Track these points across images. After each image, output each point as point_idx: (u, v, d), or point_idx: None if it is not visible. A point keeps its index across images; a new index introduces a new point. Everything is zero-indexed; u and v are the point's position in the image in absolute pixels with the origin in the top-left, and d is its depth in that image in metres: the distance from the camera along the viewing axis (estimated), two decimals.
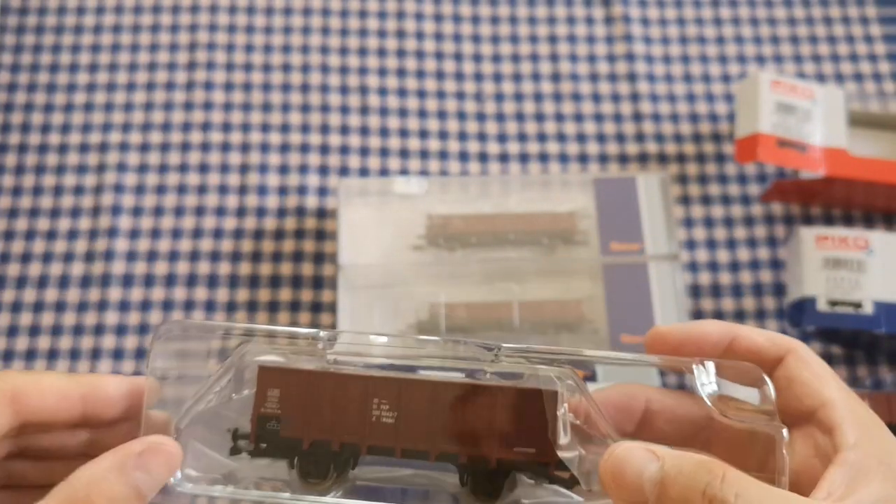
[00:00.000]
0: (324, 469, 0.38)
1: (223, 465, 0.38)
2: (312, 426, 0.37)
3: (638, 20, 0.64)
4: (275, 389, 0.38)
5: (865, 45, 0.64)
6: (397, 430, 0.37)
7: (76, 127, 0.60)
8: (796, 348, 0.38)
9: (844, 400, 0.36)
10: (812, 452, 0.36)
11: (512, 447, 0.37)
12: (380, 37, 0.64)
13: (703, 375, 0.37)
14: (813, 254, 0.54)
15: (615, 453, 0.34)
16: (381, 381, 0.38)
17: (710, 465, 0.33)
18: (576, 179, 0.58)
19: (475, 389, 0.37)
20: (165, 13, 0.64)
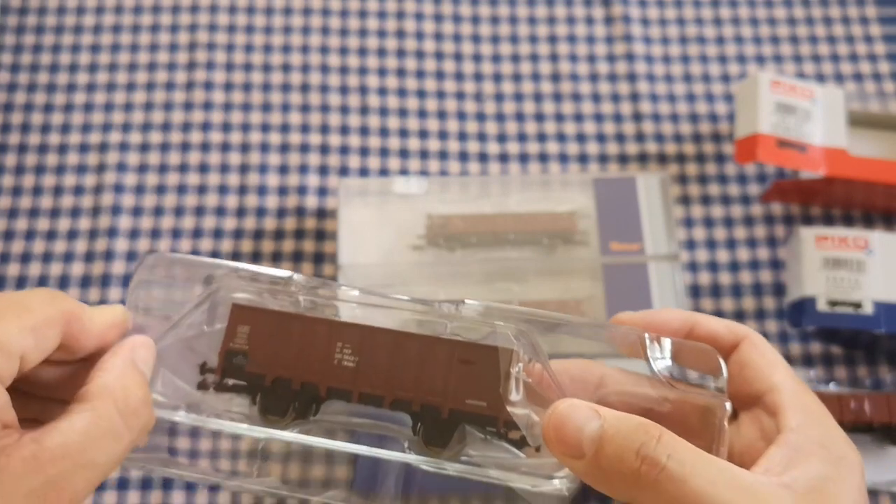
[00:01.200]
0: (283, 407, 0.39)
1: (189, 394, 0.40)
2: (276, 364, 0.39)
3: (638, 20, 0.64)
4: (245, 326, 0.39)
5: (865, 45, 0.64)
6: (357, 374, 0.38)
7: (76, 127, 0.60)
8: (750, 335, 0.39)
9: (791, 386, 0.38)
10: (758, 434, 0.38)
11: (463, 399, 0.38)
12: (379, 37, 0.64)
13: (656, 350, 0.39)
14: (813, 254, 0.54)
15: (559, 408, 0.35)
16: (345, 327, 0.39)
17: (648, 427, 0.34)
18: (576, 179, 0.58)
19: (433, 341, 0.38)
20: (165, 13, 0.64)
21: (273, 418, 0.39)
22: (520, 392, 0.38)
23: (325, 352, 0.39)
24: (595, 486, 0.35)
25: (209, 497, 0.51)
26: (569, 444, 0.34)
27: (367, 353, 0.39)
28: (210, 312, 0.40)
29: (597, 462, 0.34)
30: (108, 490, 0.51)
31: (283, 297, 0.40)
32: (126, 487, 0.51)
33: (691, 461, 0.33)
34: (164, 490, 0.51)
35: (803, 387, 0.39)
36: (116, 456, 0.33)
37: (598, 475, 0.34)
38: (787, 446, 0.36)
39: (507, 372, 0.38)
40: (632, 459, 0.33)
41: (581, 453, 0.34)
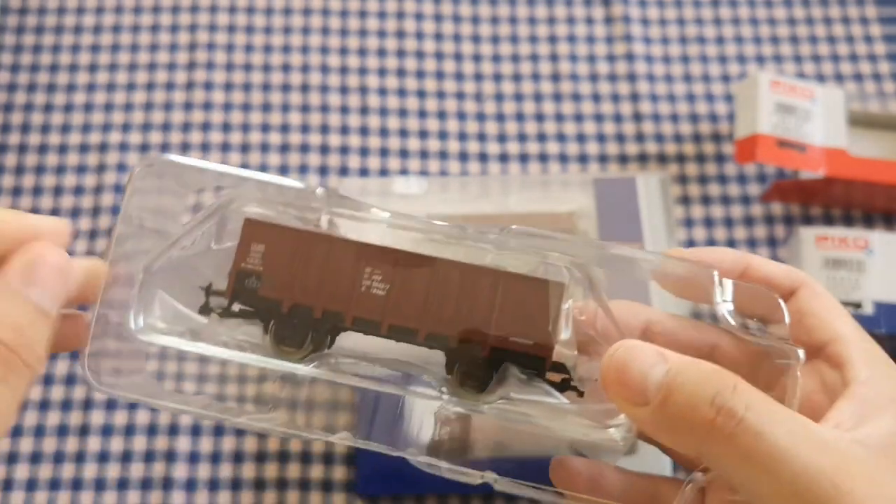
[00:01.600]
0: (300, 337, 0.35)
1: (191, 320, 0.36)
2: (296, 288, 0.35)
3: (638, 20, 0.64)
4: (259, 245, 0.35)
5: (865, 45, 0.64)
6: (387, 303, 0.34)
7: (76, 127, 0.60)
8: (810, 282, 0.37)
9: (856, 336, 0.35)
10: (818, 388, 0.35)
11: (508, 336, 0.34)
12: (379, 37, 0.64)
13: (719, 291, 0.35)
14: (813, 254, 0.54)
15: (622, 349, 0.32)
16: (376, 250, 0.35)
17: (722, 374, 0.31)
18: (576, 179, 0.58)
19: (476, 271, 0.34)
20: (165, 13, 0.64)
21: (288, 349, 0.35)
22: (569, 331, 0.34)
23: (352, 277, 0.34)
24: (657, 436, 0.32)
25: (209, 497, 0.51)
26: (632, 389, 0.31)
27: (399, 280, 0.34)
28: (219, 228, 0.36)
29: (663, 410, 0.31)
30: (108, 490, 0.51)
31: (304, 213, 0.35)
32: (126, 487, 0.51)
33: (769, 413, 0.31)
34: (164, 490, 0.51)
35: (869, 338, 0.36)
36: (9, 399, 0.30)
37: (664, 424, 0.31)
38: (858, 400, 0.33)
39: (558, 307, 0.34)
40: (706, 409, 0.30)
41: (645, 400, 0.31)
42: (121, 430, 0.52)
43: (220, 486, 0.51)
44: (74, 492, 0.51)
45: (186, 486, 0.51)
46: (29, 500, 0.51)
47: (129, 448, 0.52)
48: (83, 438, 0.52)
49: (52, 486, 0.51)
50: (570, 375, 0.35)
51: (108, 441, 0.52)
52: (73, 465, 0.51)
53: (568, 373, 0.35)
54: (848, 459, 0.31)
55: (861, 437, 0.32)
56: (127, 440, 0.52)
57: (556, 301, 0.34)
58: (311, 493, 0.51)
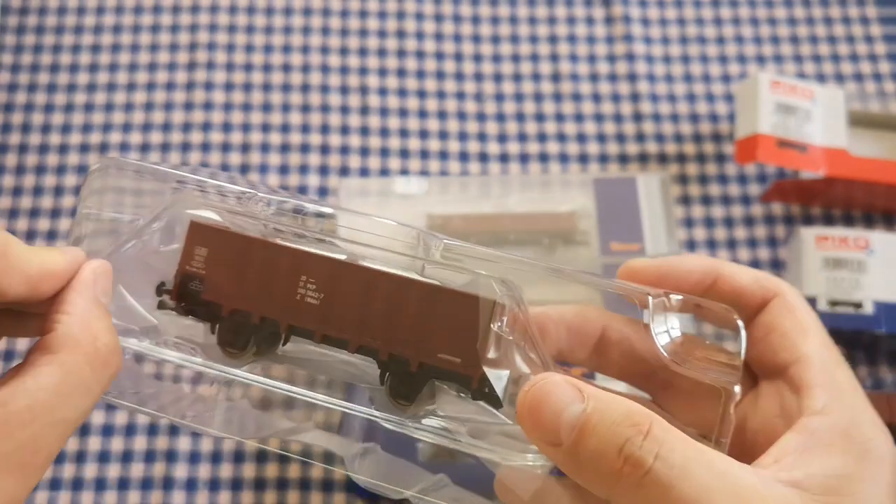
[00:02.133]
0: (243, 340, 0.35)
1: (145, 318, 0.36)
2: (234, 294, 0.35)
3: (638, 20, 0.64)
4: (203, 248, 0.35)
5: (866, 45, 0.64)
6: (321, 313, 0.34)
7: (76, 127, 0.60)
8: (784, 292, 0.34)
9: (822, 358, 0.33)
10: (777, 411, 0.33)
11: (436, 353, 0.33)
12: (380, 37, 0.64)
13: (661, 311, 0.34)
14: (813, 254, 0.54)
15: (537, 385, 0.30)
16: (312, 258, 0.35)
17: (637, 418, 0.29)
18: (576, 179, 0.58)
19: (408, 284, 0.34)
20: (166, 13, 0.64)
21: (232, 351, 0.35)
22: (499, 349, 0.33)
23: (288, 285, 0.34)
24: (571, 476, 0.31)
25: (209, 497, 0.51)
26: (545, 428, 0.30)
27: (333, 289, 0.34)
28: (167, 230, 0.36)
29: (575, 453, 0.30)
30: (108, 490, 0.51)
31: (248, 217, 0.35)
32: (126, 487, 0.51)
33: (682, 462, 0.29)
34: (165, 490, 0.51)
35: (836, 359, 0.33)
36: (87, 408, 0.31)
37: (575, 467, 0.30)
38: (805, 433, 0.31)
39: (487, 326, 0.33)
40: (614, 457, 0.29)
41: (558, 440, 0.30)
42: (121, 430, 0.52)
43: (221, 486, 0.51)
44: (75, 492, 0.51)
45: (187, 485, 0.51)
46: (29, 500, 0.51)
47: (130, 448, 0.52)
48: (83, 438, 0.52)
49: (53, 485, 0.51)
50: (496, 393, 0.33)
51: (108, 441, 0.52)
52: (74, 464, 0.51)
53: (493, 390, 0.33)
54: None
55: (798, 479, 0.30)
56: (127, 440, 0.52)
57: (486, 318, 0.33)
58: (311, 493, 0.51)
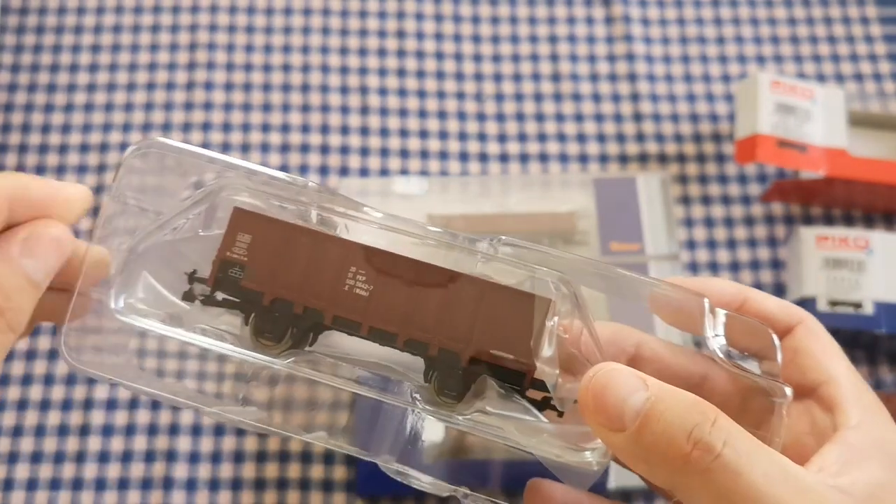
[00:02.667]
0: (280, 331, 0.34)
1: (172, 305, 0.35)
2: (278, 282, 0.34)
3: (638, 20, 0.64)
4: (246, 235, 0.34)
5: (866, 45, 0.64)
6: (369, 305, 0.34)
7: (76, 127, 0.60)
8: (807, 320, 0.36)
9: (850, 379, 0.34)
10: (807, 429, 0.34)
11: (488, 348, 0.33)
12: (380, 37, 0.64)
13: (710, 322, 0.34)
14: (813, 254, 0.54)
15: (601, 372, 0.31)
16: (362, 250, 0.34)
17: (703, 406, 0.30)
18: (576, 179, 0.58)
19: (462, 279, 0.34)
20: (165, 13, 0.64)
21: (267, 343, 0.34)
22: (552, 348, 0.33)
23: (336, 275, 0.34)
24: (632, 465, 0.31)
25: (209, 497, 0.51)
26: (608, 414, 0.30)
27: (383, 282, 0.34)
28: (208, 214, 0.35)
29: (639, 439, 0.30)
30: (108, 490, 0.51)
31: (293, 206, 0.35)
32: (126, 487, 0.51)
33: (747, 451, 0.29)
34: (165, 490, 0.51)
35: (862, 382, 0.35)
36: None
37: (639, 454, 0.30)
38: (845, 446, 0.32)
39: (542, 324, 0.33)
40: (682, 441, 0.29)
41: (621, 426, 0.30)
42: (121, 430, 0.52)
43: (221, 486, 0.51)
44: (75, 492, 0.51)
45: (187, 485, 0.51)
46: (30, 500, 0.51)
47: (130, 448, 0.52)
48: (84, 438, 0.52)
49: (53, 485, 0.51)
50: (549, 394, 0.34)
51: (108, 441, 0.52)
52: (74, 464, 0.51)
53: (548, 391, 0.34)
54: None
55: (844, 485, 0.31)
56: (127, 440, 0.52)
57: (540, 316, 0.33)
58: (311, 493, 0.51)
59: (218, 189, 0.35)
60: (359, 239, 0.35)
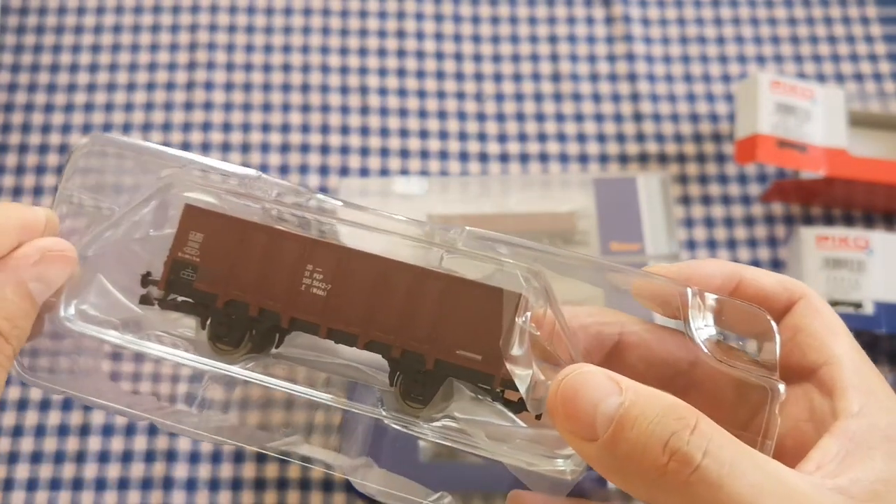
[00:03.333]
0: (237, 336, 0.32)
1: (127, 309, 0.33)
2: (232, 283, 0.32)
3: (638, 20, 0.64)
4: (198, 233, 0.32)
5: (866, 45, 0.64)
6: (327, 305, 0.32)
7: (77, 127, 0.60)
8: (809, 295, 0.33)
9: (853, 359, 0.32)
10: (805, 416, 0.32)
11: (454, 349, 0.31)
12: (380, 37, 0.64)
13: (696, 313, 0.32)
14: (813, 254, 0.54)
15: (571, 376, 0.28)
16: (319, 246, 0.32)
17: (682, 411, 0.27)
18: (576, 179, 0.58)
19: (424, 274, 0.32)
20: (166, 13, 0.64)
21: (224, 348, 0.32)
22: (524, 346, 0.31)
23: (292, 274, 0.32)
24: (606, 476, 0.29)
25: (210, 497, 0.51)
26: (579, 421, 0.28)
27: (341, 280, 0.32)
28: (159, 213, 0.33)
29: (612, 448, 0.28)
30: (108, 490, 0.51)
31: (248, 201, 0.33)
32: (127, 487, 0.51)
33: (731, 460, 0.27)
34: (165, 490, 0.51)
35: (867, 362, 0.32)
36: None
37: (612, 464, 0.28)
38: (846, 437, 0.29)
39: (512, 321, 0.31)
40: (658, 452, 0.27)
41: (593, 435, 0.28)
42: (121, 430, 0.52)
43: (221, 486, 0.51)
44: (75, 492, 0.51)
45: (187, 485, 0.51)
46: (30, 500, 0.51)
47: (130, 448, 0.52)
48: (84, 438, 0.52)
49: (53, 485, 0.51)
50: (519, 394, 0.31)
51: (108, 441, 0.52)
52: (74, 464, 0.51)
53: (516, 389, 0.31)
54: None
55: (844, 485, 0.28)
56: (128, 440, 0.52)
57: (509, 312, 0.31)
58: (312, 493, 0.51)
59: (167, 186, 0.33)
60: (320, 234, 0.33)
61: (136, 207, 0.33)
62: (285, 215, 0.33)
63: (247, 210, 0.33)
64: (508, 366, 0.31)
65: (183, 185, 0.33)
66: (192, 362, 0.33)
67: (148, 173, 0.34)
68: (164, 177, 0.33)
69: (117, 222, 0.33)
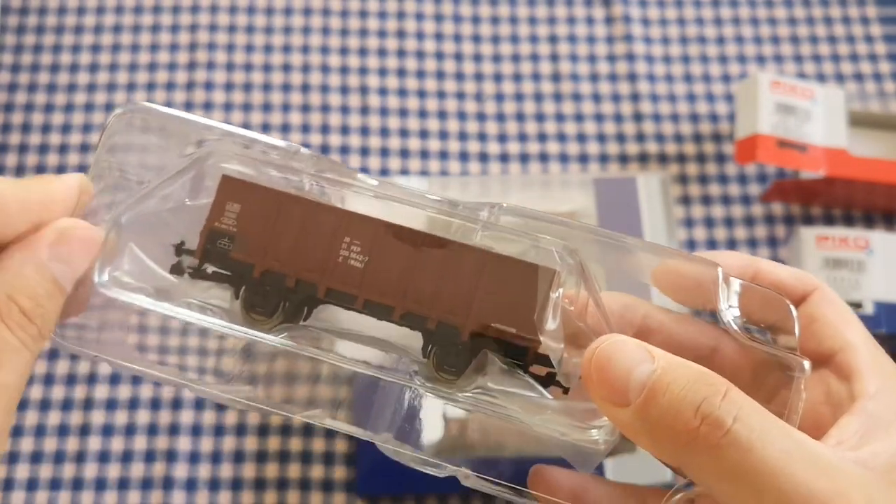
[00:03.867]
0: (272, 305, 0.33)
1: (160, 278, 0.33)
2: (269, 253, 0.32)
3: (638, 20, 0.64)
4: (235, 204, 0.33)
5: (866, 45, 0.64)
6: (364, 276, 0.32)
7: (76, 127, 0.60)
8: (822, 287, 0.34)
9: (867, 346, 0.33)
10: (822, 399, 0.33)
11: (489, 322, 0.32)
12: (380, 37, 0.64)
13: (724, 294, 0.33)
14: (813, 254, 0.54)
15: (605, 343, 0.29)
16: (357, 219, 0.33)
17: (712, 379, 0.28)
18: (576, 179, 0.58)
19: (461, 249, 0.32)
20: (166, 13, 0.64)
21: (258, 317, 0.33)
22: (557, 321, 0.32)
23: (329, 246, 0.32)
24: (638, 441, 0.30)
25: (209, 497, 0.51)
26: (613, 387, 0.29)
27: (379, 252, 0.32)
28: (195, 183, 0.33)
29: (644, 413, 0.28)
30: (108, 490, 0.51)
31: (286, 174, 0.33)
32: (127, 487, 0.51)
33: (760, 426, 0.28)
34: (165, 490, 0.51)
35: (880, 349, 0.33)
36: (24, 368, 0.30)
37: (645, 429, 0.29)
38: (864, 415, 0.31)
39: (546, 295, 0.31)
40: (690, 416, 0.28)
41: (626, 400, 0.29)
42: (121, 430, 0.52)
43: (221, 486, 0.51)
44: (75, 492, 0.51)
45: (187, 485, 0.51)
46: (29, 500, 0.51)
47: (130, 448, 0.52)
48: (84, 438, 0.52)
49: (53, 485, 0.51)
50: (554, 369, 0.32)
51: (108, 441, 0.52)
52: (74, 464, 0.51)
53: (552, 366, 0.32)
54: (847, 482, 0.28)
55: (864, 458, 0.29)
56: (127, 440, 0.52)
57: (544, 288, 0.32)
58: (311, 492, 0.51)
59: (205, 156, 0.34)
60: (354, 208, 0.33)
61: (172, 177, 0.33)
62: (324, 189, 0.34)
63: (285, 183, 0.33)
64: (543, 339, 0.31)
65: (220, 155, 0.33)
66: (227, 330, 0.33)
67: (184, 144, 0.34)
68: (202, 147, 0.34)
69: (152, 192, 0.33)
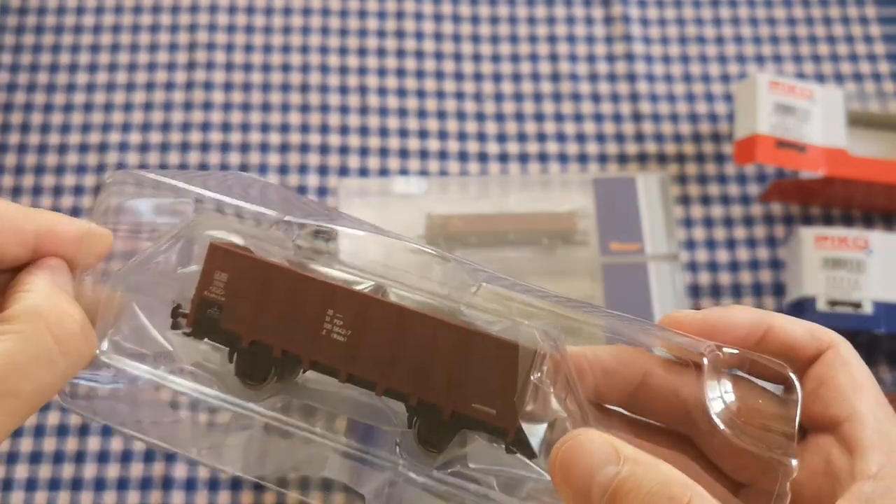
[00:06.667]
0: (263, 373, 0.33)
1: (159, 343, 0.34)
2: (255, 324, 0.33)
3: (637, 20, 0.64)
4: (223, 273, 0.33)
5: (865, 45, 0.64)
6: (347, 351, 0.32)
7: (76, 127, 0.60)
8: (838, 345, 0.32)
9: (876, 417, 0.31)
10: (822, 468, 0.31)
11: (470, 402, 0.32)
12: (379, 37, 0.64)
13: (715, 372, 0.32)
14: (812, 254, 0.54)
15: (572, 440, 0.29)
16: (341, 292, 0.33)
17: (674, 489, 0.27)
18: (575, 179, 0.58)
19: (442, 326, 0.32)
20: (165, 13, 0.64)
21: (251, 383, 0.33)
22: (538, 401, 0.32)
23: (314, 319, 0.32)
24: None
25: (209, 497, 0.51)
26: (576, 487, 0.28)
27: (362, 327, 0.32)
28: (185, 250, 0.34)
29: None
30: (108, 490, 0.51)
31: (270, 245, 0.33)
32: (126, 487, 0.51)
33: None
34: (165, 490, 0.51)
35: (891, 418, 0.31)
36: (47, 385, 0.29)
37: None
38: (860, 501, 0.29)
39: (527, 377, 0.31)
40: None
41: (588, 502, 0.28)
42: None
43: (220, 486, 0.51)
44: (74, 492, 0.51)
45: (186, 485, 0.51)
46: (29, 500, 0.51)
47: (129, 448, 0.52)
48: (83, 438, 0.52)
49: (52, 485, 0.51)
50: (534, 451, 0.32)
51: (107, 441, 0.52)
52: (73, 464, 0.51)
53: (531, 448, 0.32)
54: None
55: None
56: (127, 440, 0.52)
57: (525, 368, 0.31)
58: (311, 492, 0.51)
59: (193, 224, 0.34)
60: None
61: (163, 245, 0.34)
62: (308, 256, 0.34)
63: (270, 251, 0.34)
64: (523, 422, 0.31)
65: (208, 224, 0.34)
66: (215, 401, 0.34)
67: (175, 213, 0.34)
68: (192, 215, 0.34)
69: (147, 258, 0.34)
